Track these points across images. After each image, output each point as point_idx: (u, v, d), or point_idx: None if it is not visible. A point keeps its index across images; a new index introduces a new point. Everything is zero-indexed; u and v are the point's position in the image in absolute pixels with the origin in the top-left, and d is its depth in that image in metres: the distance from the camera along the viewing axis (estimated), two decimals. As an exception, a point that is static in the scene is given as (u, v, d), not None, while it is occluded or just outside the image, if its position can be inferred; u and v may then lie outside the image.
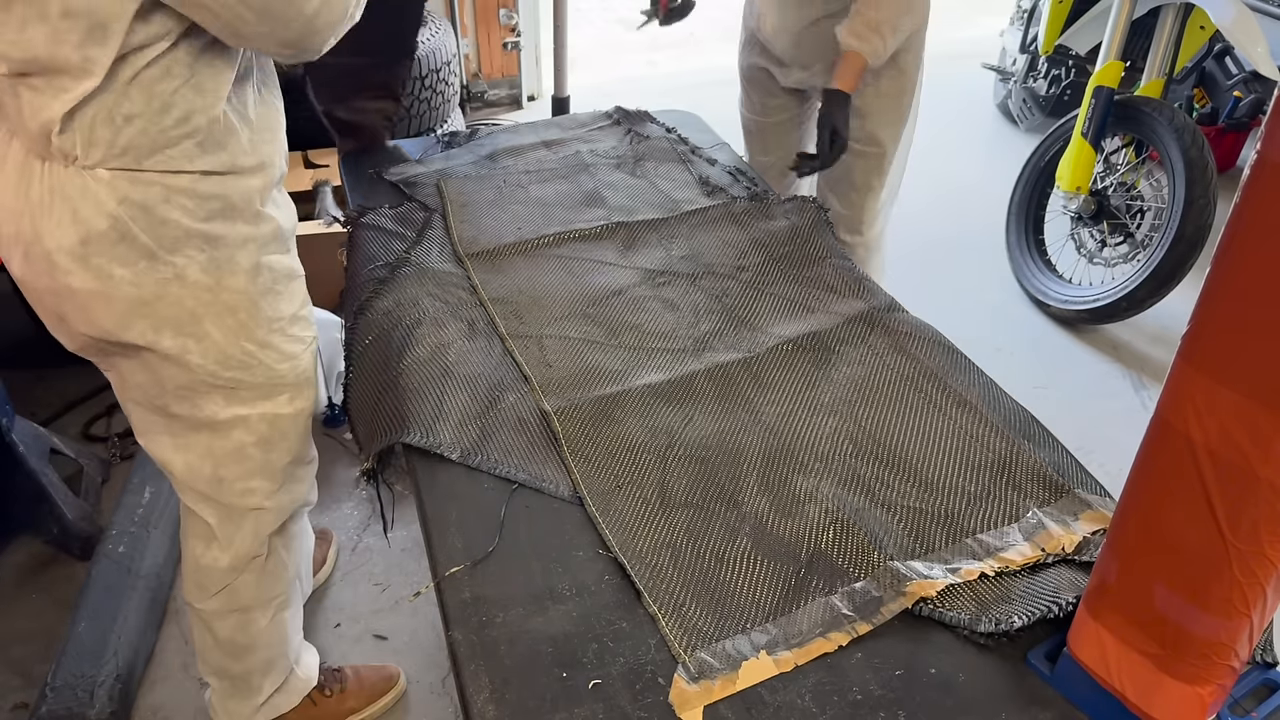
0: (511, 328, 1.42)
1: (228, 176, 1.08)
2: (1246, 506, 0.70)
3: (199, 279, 1.09)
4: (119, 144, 1.00)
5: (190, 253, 1.08)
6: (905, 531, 1.08)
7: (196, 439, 1.23)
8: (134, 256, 1.05)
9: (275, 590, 1.42)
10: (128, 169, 1.02)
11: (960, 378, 1.32)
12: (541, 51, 4.10)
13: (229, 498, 1.28)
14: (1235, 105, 3.43)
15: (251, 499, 1.30)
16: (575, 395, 1.28)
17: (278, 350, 1.21)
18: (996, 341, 2.75)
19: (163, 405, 1.19)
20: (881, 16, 1.72)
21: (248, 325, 1.15)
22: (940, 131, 4.02)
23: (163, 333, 1.10)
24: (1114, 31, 2.61)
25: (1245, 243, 0.66)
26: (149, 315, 1.09)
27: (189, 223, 1.06)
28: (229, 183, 1.09)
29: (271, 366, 1.20)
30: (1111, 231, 2.80)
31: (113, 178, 1.01)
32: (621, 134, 2.06)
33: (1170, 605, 0.77)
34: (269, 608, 1.42)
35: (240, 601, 1.39)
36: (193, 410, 1.19)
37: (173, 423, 1.22)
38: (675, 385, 1.31)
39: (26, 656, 1.75)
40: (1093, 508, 1.10)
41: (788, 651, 0.93)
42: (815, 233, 1.67)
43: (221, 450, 1.24)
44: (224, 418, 1.20)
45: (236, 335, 1.15)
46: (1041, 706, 0.89)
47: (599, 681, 0.91)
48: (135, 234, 1.03)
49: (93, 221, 1.02)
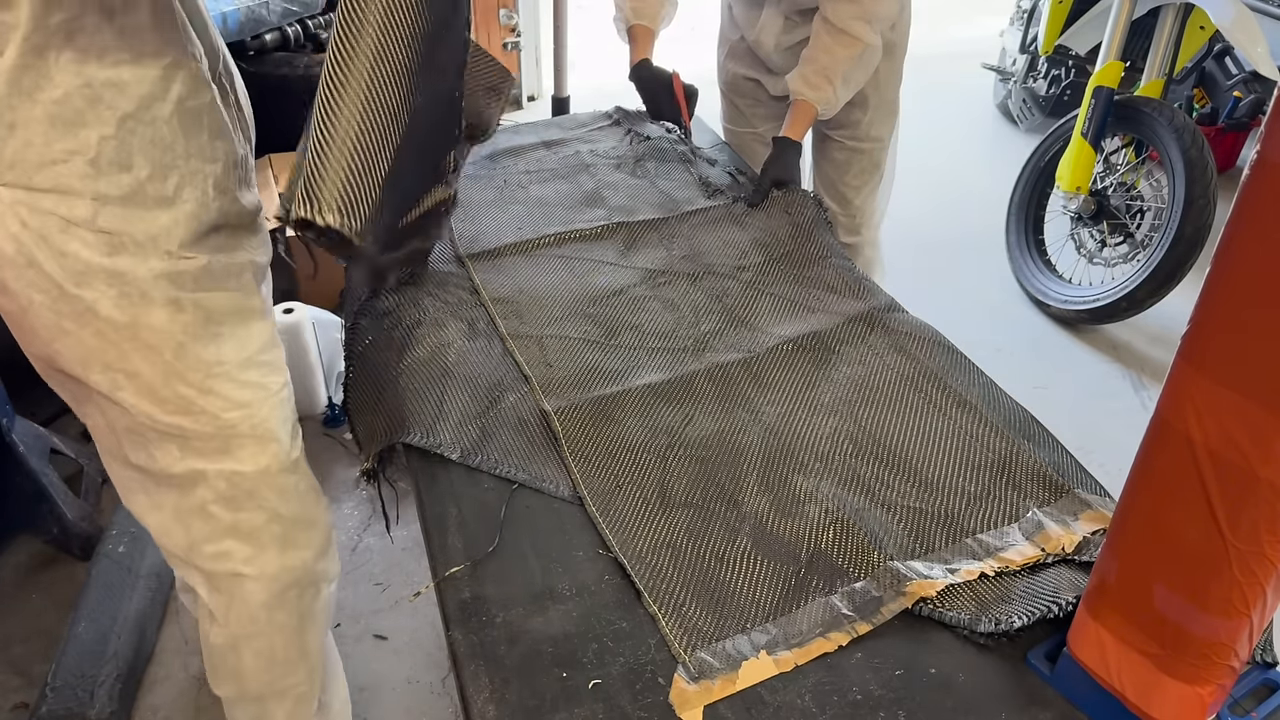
0: (512, 327, 1.42)
1: (130, 207, 0.94)
2: (1246, 506, 0.70)
3: (112, 314, 0.97)
4: (5, 156, 0.88)
5: (99, 287, 0.95)
6: (905, 531, 1.08)
7: (165, 497, 1.12)
8: (45, 284, 0.94)
9: (288, 680, 1.27)
10: (20, 186, 0.90)
11: (960, 378, 1.32)
12: (541, 51, 4.10)
13: (204, 562, 1.16)
14: (1235, 105, 3.43)
15: (227, 563, 1.16)
16: (575, 395, 1.28)
17: (223, 397, 1.06)
18: (996, 341, 2.75)
19: (122, 454, 1.10)
20: (832, 63, 1.71)
21: (176, 368, 1.02)
22: (940, 131, 4.03)
23: (90, 366, 1.00)
24: (1114, 31, 2.61)
25: (1245, 243, 0.66)
26: (75, 345, 0.98)
27: (90, 256, 0.94)
28: (133, 217, 0.95)
29: (218, 415, 1.06)
30: (1111, 231, 2.80)
31: (13, 200, 0.90)
32: (622, 134, 2.06)
33: (1170, 605, 0.77)
34: (284, 699, 1.28)
35: (249, 688, 1.26)
36: (149, 460, 1.08)
37: (139, 477, 1.12)
38: (675, 385, 1.31)
39: (26, 656, 1.75)
40: (1092, 508, 1.10)
41: (788, 651, 0.93)
42: (815, 232, 1.67)
43: (187, 508, 1.12)
44: (179, 471, 1.08)
45: (167, 377, 1.02)
46: (1041, 706, 0.89)
47: (599, 681, 0.91)
48: (40, 262, 0.92)
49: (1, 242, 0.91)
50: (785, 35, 1.88)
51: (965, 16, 5.44)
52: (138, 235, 0.96)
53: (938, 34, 5.12)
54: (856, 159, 2.02)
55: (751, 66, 2.03)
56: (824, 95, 1.73)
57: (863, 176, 2.05)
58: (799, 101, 1.75)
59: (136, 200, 0.94)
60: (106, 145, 0.91)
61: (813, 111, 1.75)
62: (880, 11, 1.70)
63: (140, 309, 0.98)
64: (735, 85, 2.10)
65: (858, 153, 2.01)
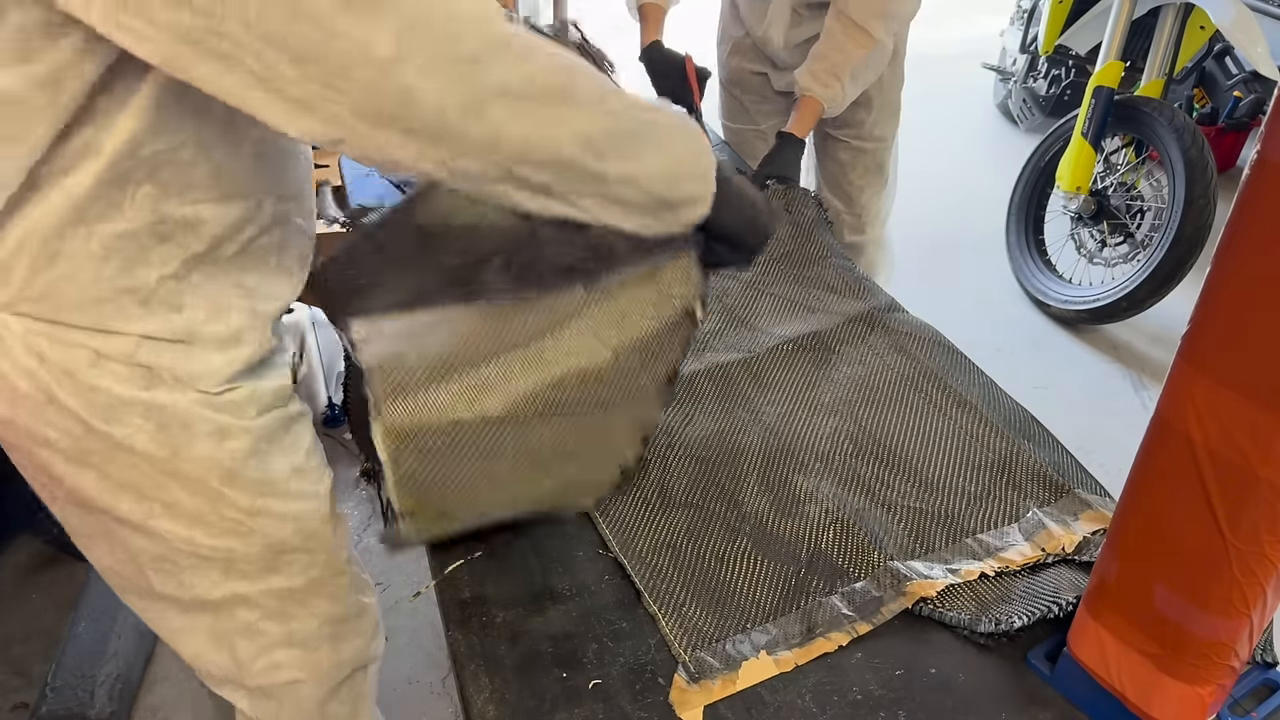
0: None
1: (179, 345, 0.82)
2: (1246, 506, 0.70)
3: (149, 449, 0.84)
4: (36, 286, 0.76)
5: (134, 421, 0.83)
6: (905, 531, 1.08)
7: (199, 620, 0.99)
8: (67, 422, 0.82)
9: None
10: (44, 319, 0.78)
11: (960, 378, 1.32)
12: (541, 51, 4.09)
13: (254, 679, 1.04)
14: (1235, 105, 3.43)
15: (280, 674, 1.04)
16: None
17: (275, 515, 0.94)
18: (996, 341, 2.75)
19: (145, 587, 0.96)
20: (843, 60, 1.70)
21: (224, 494, 0.90)
22: (940, 132, 4.03)
23: (120, 497, 0.87)
24: (1114, 31, 2.61)
25: (1245, 243, 0.66)
26: (99, 480, 0.86)
27: (124, 391, 0.82)
28: (179, 354, 0.83)
29: (269, 534, 0.95)
30: (1111, 231, 2.80)
31: (25, 331, 0.77)
32: (621, 134, 2.06)
33: (1170, 605, 0.77)
34: None
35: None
36: (179, 589, 0.95)
37: (166, 605, 0.99)
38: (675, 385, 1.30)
39: (26, 656, 1.75)
40: (1093, 508, 1.10)
41: (788, 651, 0.93)
42: (815, 232, 1.67)
43: (228, 630, 1.00)
44: (218, 596, 0.96)
45: (214, 503, 0.90)
46: (1041, 706, 0.89)
47: (599, 681, 0.91)
48: (61, 399, 0.80)
49: (10, 377, 0.79)
50: (794, 30, 1.88)
51: (965, 16, 5.44)
52: (181, 373, 0.84)
53: (938, 34, 5.12)
54: (860, 159, 2.03)
55: (757, 61, 2.03)
56: (832, 93, 1.73)
57: (867, 176, 2.06)
58: (805, 98, 1.75)
59: (188, 340, 0.83)
60: (164, 285, 0.80)
61: (819, 108, 1.75)
62: (900, 10, 1.70)
63: (182, 440, 0.86)
64: (740, 80, 2.09)
65: (862, 152, 2.02)
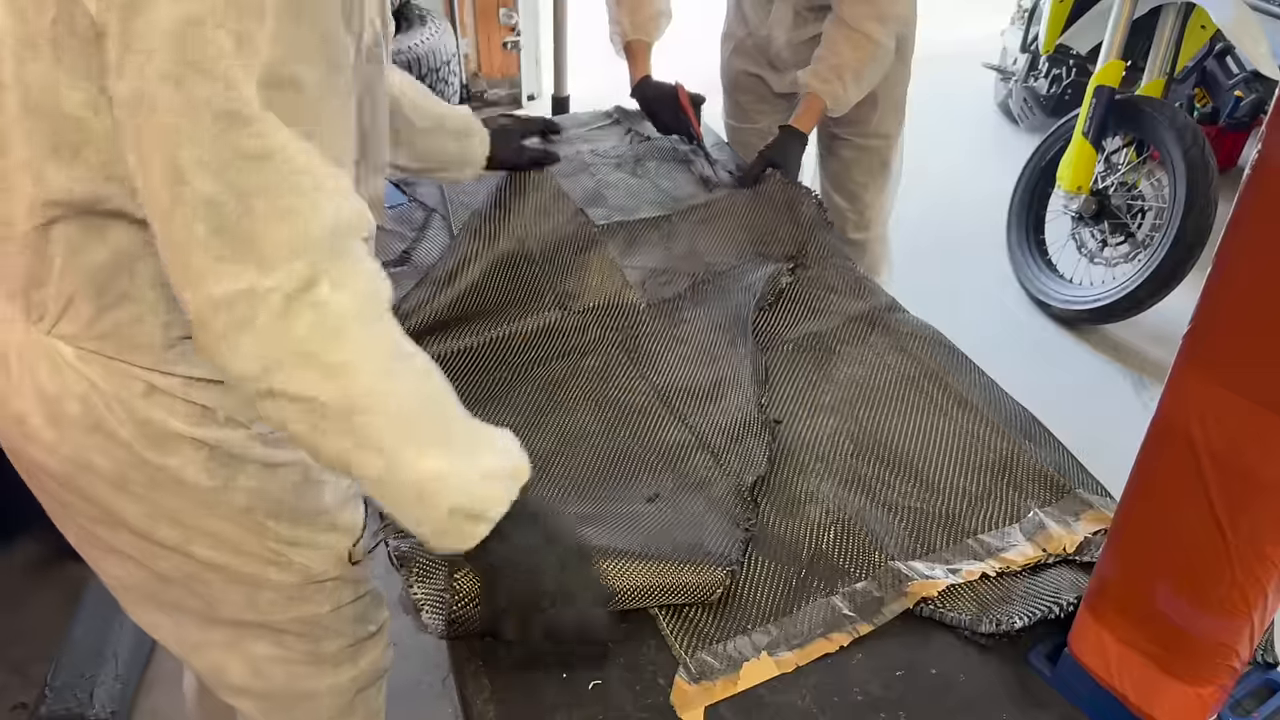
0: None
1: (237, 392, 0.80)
2: (1247, 507, 0.70)
3: (199, 480, 0.85)
4: (99, 327, 0.78)
5: (186, 453, 0.84)
6: (906, 532, 1.08)
7: (215, 634, 0.98)
8: (114, 449, 0.82)
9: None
10: (103, 355, 0.80)
11: (961, 377, 1.32)
12: (541, 51, 4.09)
13: (273, 693, 1.05)
14: (1236, 105, 3.42)
15: (300, 685, 1.05)
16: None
17: (320, 547, 0.94)
18: (997, 341, 2.75)
19: (165, 600, 0.95)
20: (845, 62, 1.71)
21: (271, 527, 0.90)
22: (941, 131, 4.02)
23: (158, 522, 0.87)
24: (1115, 31, 2.61)
25: (1246, 243, 0.66)
26: (140, 506, 0.86)
27: (177, 425, 0.83)
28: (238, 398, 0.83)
29: (309, 566, 0.94)
30: (1112, 231, 2.80)
31: (84, 360, 0.79)
32: (622, 133, 2.05)
33: (1171, 606, 0.77)
34: None
35: None
36: (203, 607, 0.94)
37: (183, 619, 0.97)
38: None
39: (26, 656, 1.75)
40: (1094, 508, 1.10)
41: (789, 652, 0.93)
42: (816, 232, 1.67)
43: (251, 647, 1.00)
44: (247, 618, 0.95)
45: (260, 535, 0.90)
46: (1042, 707, 0.89)
47: (599, 681, 0.90)
48: (112, 428, 0.81)
49: (61, 402, 0.80)
50: (796, 31, 1.89)
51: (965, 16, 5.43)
52: (235, 413, 0.85)
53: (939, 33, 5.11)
54: (865, 156, 2.03)
55: (755, 63, 2.04)
56: (835, 91, 1.74)
57: (871, 174, 2.06)
58: (809, 95, 1.76)
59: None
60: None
61: (822, 105, 1.76)
62: (895, 11, 1.70)
63: (232, 471, 0.86)
64: (738, 81, 2.11)
65: (866, 150, 2.02)
